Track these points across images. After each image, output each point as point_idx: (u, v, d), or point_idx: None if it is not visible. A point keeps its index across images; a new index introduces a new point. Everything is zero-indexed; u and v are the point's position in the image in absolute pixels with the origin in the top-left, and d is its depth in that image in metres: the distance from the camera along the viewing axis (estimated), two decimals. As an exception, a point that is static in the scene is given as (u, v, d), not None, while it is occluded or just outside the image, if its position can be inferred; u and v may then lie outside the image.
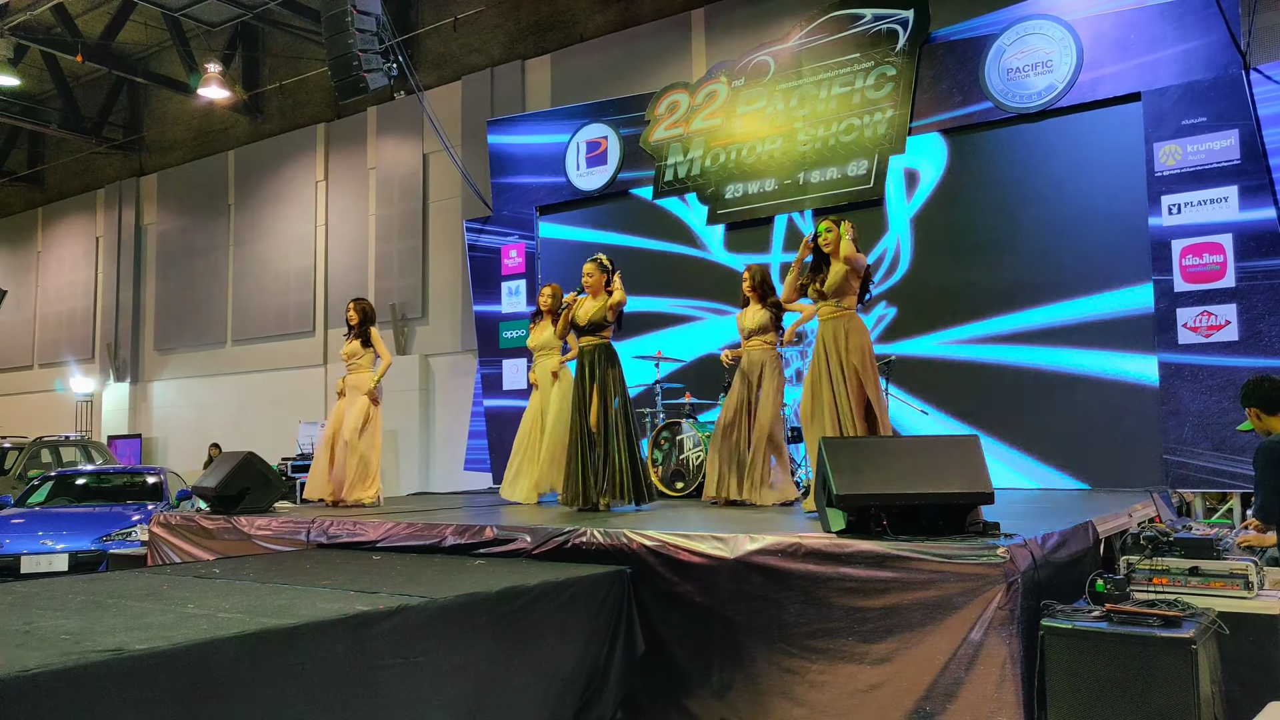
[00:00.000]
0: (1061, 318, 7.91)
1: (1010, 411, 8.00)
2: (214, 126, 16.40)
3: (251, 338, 15.33)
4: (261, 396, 15.07)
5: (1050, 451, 7.82)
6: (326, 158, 14.69)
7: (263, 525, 5.84)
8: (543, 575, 3.92)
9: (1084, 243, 7.87)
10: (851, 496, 3.87)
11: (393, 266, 13.56)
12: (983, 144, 8.41)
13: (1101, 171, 7.85)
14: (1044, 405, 7.90)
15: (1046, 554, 3.77)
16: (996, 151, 8.35)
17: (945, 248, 8.49)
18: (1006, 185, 8.27)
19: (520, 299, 11.09)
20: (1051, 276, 7.98)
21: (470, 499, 8.26)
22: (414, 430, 12.85)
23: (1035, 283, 8.03)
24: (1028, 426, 7.92)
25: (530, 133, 11.08)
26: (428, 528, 5.07)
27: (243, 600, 3.38)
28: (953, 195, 8.49)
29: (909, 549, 3.64)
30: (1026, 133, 8.20)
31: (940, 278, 8.45)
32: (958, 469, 3.91)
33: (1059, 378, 7.89)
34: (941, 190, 8.56)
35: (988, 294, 8.22)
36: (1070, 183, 7.98)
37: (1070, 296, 7.88)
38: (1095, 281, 7.79)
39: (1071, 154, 7.98)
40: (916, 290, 8.56)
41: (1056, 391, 7.88)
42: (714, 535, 4.15)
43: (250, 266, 15.45)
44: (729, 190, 9.64)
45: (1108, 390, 7.68)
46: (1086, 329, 7.81)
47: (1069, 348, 7.86)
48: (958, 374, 8.28)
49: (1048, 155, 8.11)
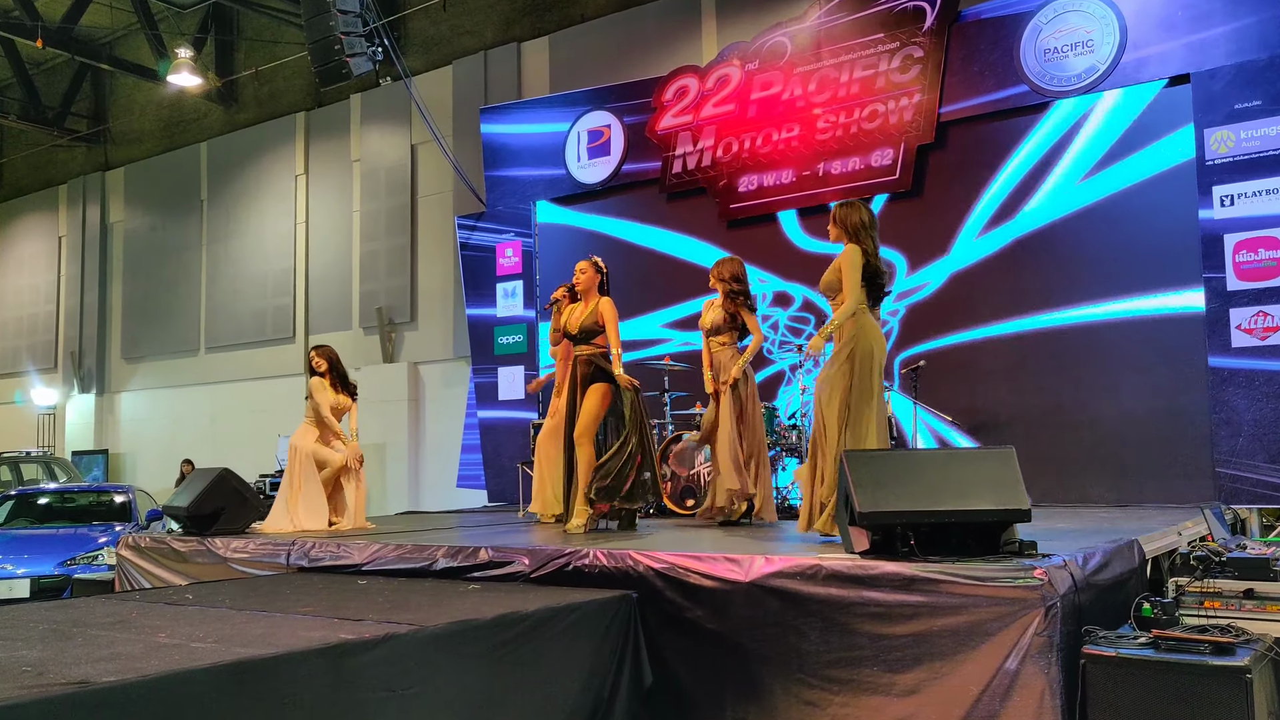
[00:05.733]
0: (1102, 318, 7.91)
1: (1046, 420, 8.00)
2: (185, 116, 16.48)
3: (227, 344, 15.38)
4: (238, 408, 15.11)
5: (1090, 463, 7.81)
6: (306, 149, 14.73)
7: (239, 548, 5.85)
8: (542, 601, 3.92)
9: (1127, 237, 7.87)
10: (875, 514, 3.87)
11: (379, 266, 13.60)
12: (1018, 131, 8.41)
13: (1147, 161, 7.85)
14: (1083, 413, 7.89)
15: (1088, 576, 3.77)
16: (1033, 135, 8.34)
17: (969, 241, 8.51)
18: (1040, 177, 8.27)
19: (517, 301, 11.11)
20: (1091, 274, 7.97)
21: (463, 518, 8.25)
22: (402, 444, 12.87)
23: (1073, 281, 8.03)
24: (1065, 436, 7.90)
25: (527, 121, 11.10)
26: (417, 550, 5.07)
27: (217, 628, 3.39)
28: (983, 184, 8.51)
29: (938, 571, 3.64)
30: (1066, 112, 8.20)
31: (969, 275, 8.47)
32: (991, 484, 3.91)
33: (1099, 383, 7.88)
34: (970, 179, 8.57)
35: (1019, 293, 8.22)
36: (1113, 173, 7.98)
37: (1112, 296, 7.88)
38: (1140, 280, 7.78)
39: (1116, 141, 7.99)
40: (943, 290, 8.58)
41: (1097, 398, 7.87)
42: (727, 556, 4.15)
43: (225, 267, 15.50)
44: (742, 183, 9.66)
45: (1153, 397, 7.67)
46: (1129, 331, 7.80)
47: (1110, 351, 7.86)
48: (987, 379, 8.28)
49: (1089, 144, 8.11)
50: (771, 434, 7.44)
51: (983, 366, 8.35)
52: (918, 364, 7.92)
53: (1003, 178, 8.46)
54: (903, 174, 8.78)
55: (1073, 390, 7.95)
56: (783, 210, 9.46)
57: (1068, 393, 7.97)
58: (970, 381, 8.33)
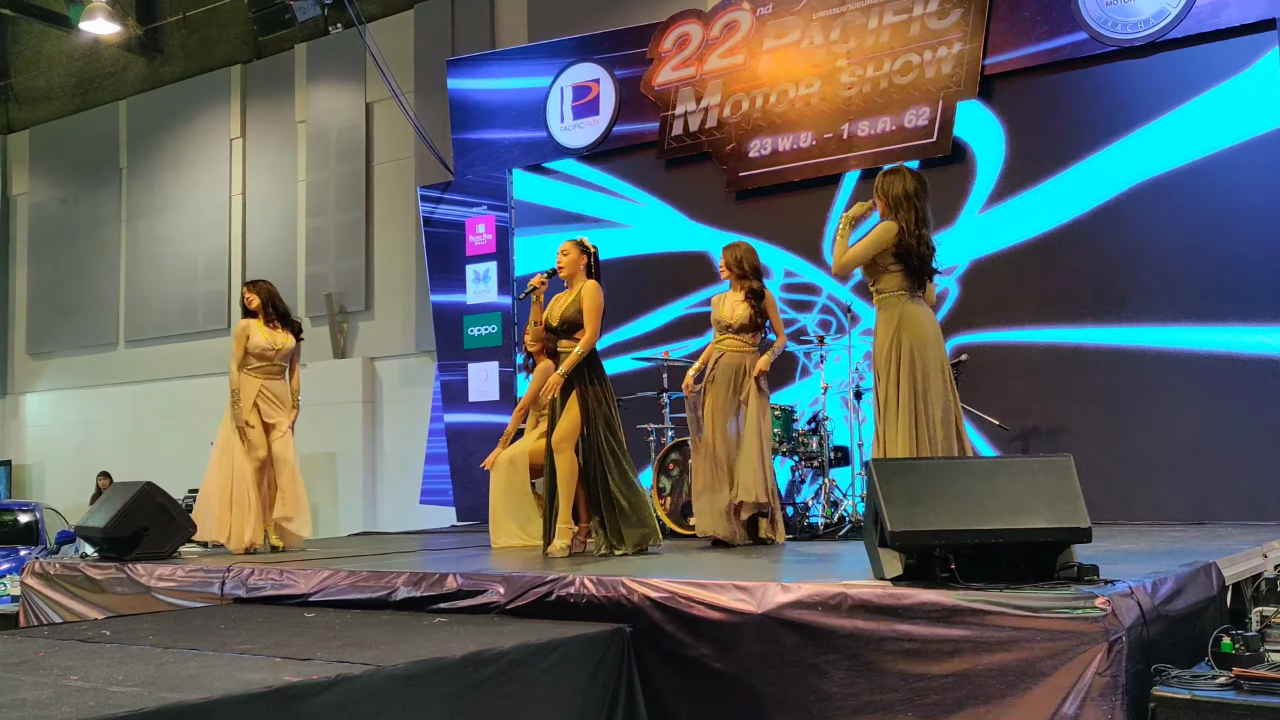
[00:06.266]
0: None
1: (1106, 423, 8.01)
2: (101, 70, 16.42)
3: (150, 338, 15.34)
4: (164, 412, 15.07)
5: (1161, 474, 7.82)
6: (243, 109, 14.69)
7: (165, 575, 5.84)
8: (520, 636, 3.91)
9: (1213, 234, 7.84)
10: (910, 534, 3.86)
11: (328, 245, 13.57)
12: (1074, 86, 8.40)
13: (1235, 123, 7.84)
14: (1152, 414, 7.90)
15: (1158, 605, 3.76)
16: (1092, 97, 8.34)
17: (1021, 224, 8.54)
18: (1104, 142, 8.28)
19: (490, 286, 11.10)
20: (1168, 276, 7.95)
21: (428, 540, 8.24)
22: (355, 454, 12.85)
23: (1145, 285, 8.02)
24: (1131, 442, 7.92)
25: (501, 75, 11.09)
26: (374, 577, 5.07)
27: (140, 670, 3.37)
28: (1034, 155, 8.51)
29: (984, 600, 3.64)
30: (1131, 72, 8.19)
31: (1015, 258, 8.51)
32: (1045, 498, 3.90)
33: (1169, 385, 7.89)
34: (1019, 149, 8.58)
35: (1077, 289, 8.25)
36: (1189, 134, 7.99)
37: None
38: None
39: (1191, 100, 7.98)
40: (986, 275, 8.61)
41: (1169, 399, 7.87)
42: (736, 584, 4.15)
43: (149, 247, 15.46)
44: (754, 147, 9.65)
45: (1232, 400, 7.68)
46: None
47: (1183, 347, 7.87)
48: (1034, 376, 8.30)
49: (1158, 102, 8.10)
50: (788, 440, 7.44)
51: (1029, 361, 8.36)
52: (959, 358, 7.90)
53: (1058, 143, 8.46)
54: (940, 136, 8.78)
55: (1139, 390, 7.96)
56: (800, 179, 9.45)
57: (1134, 392, 7.98)
58: (1015, 379, 8.35)
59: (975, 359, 8.02)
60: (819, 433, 7.66)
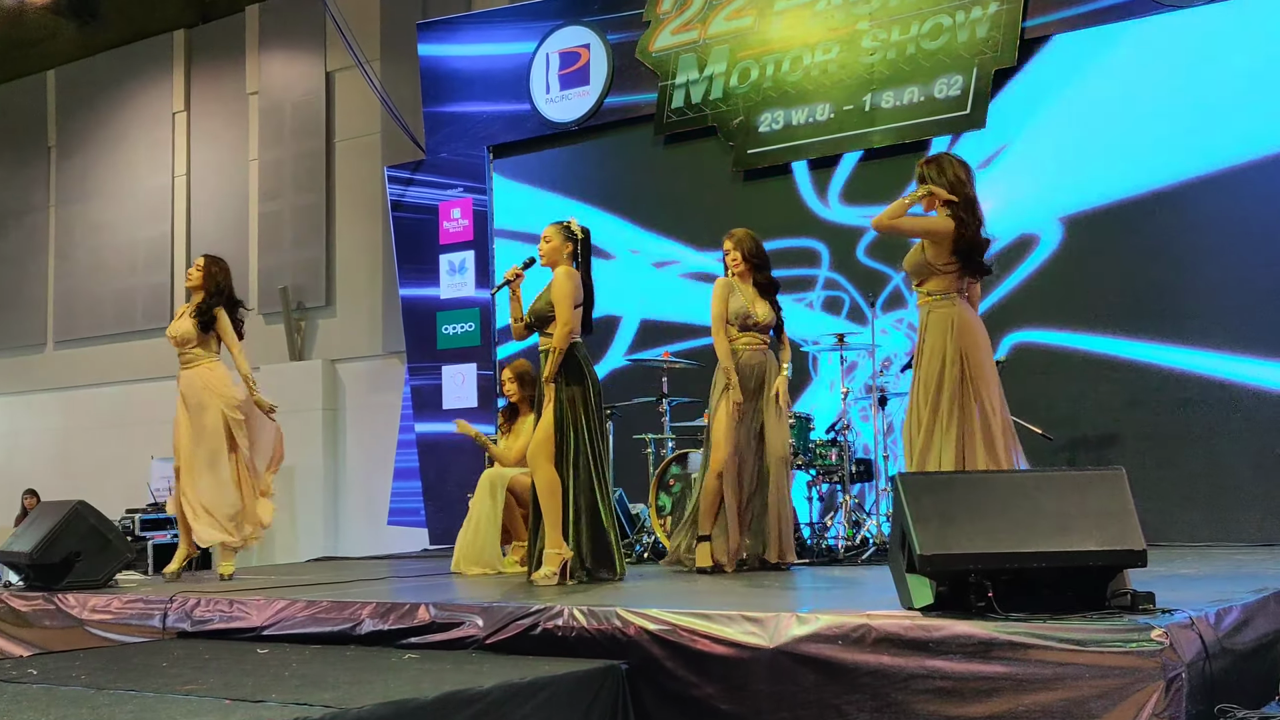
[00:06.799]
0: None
1: (1163, 433, 8.03)
2: (26, 36, 16.37)
3: (83, 337, 15.32)
4: (98, 421, 15.05)
5: (1223, 493, 7.81)
6: (188, 79, 14.68)
7: (100, 606, 5.83)
8: (501, 674, 3.91)
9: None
10: (941, 557, 3.85)
11: (283, 233, 13.57)
12: (1131, 51, 8.41)
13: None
14: (1214, 429, 7.91)
15: (1223, 637, 3.76)
16: (1150, 61, 8.34)
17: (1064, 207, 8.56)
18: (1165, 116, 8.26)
19: (467, 279, 11.09)
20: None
21: (397, 566, 8.24)
22: (315, 469, 12.84)
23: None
24: (1191, 458, 7.93)
25: (479, 40, 11.08)
26: (336, 607, 5.07)
27: (72, 714, 3.37)
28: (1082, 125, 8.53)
29: (1025, 632, 3.64)
30: (1195, 30, 8.16)
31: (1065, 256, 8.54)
32: (1094, 516, 3.90)
33: (1229, 389, 7.90)
34: (1064, 119, 8.59)
35: (1135, 295, 8.28)
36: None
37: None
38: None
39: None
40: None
41: (1224, 406, 7.89)
42: (745, 615, 4.15)
43: (81, 235, 15.45)
44: (764, 120, 9.65)
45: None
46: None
47: (1241, 355, 7.88)
48: (1088, 384, 8.31)
49: (1230, 66, 8.06)
50: (805, 452, 7.43)
51: (1074, 366, 8.37)
52: (997, 362, 7.90)
53: (1109, 117, 8.45)
54: (974, 108, 8.77)
55: (1199, 404, 7.98)
56: (817, 156, 9.44)
57: (1194, 406, 7.99)
58: (1061, 383, 8.36)
59: (1017, 359, 8.04)
60: (839, 444, 7.66)
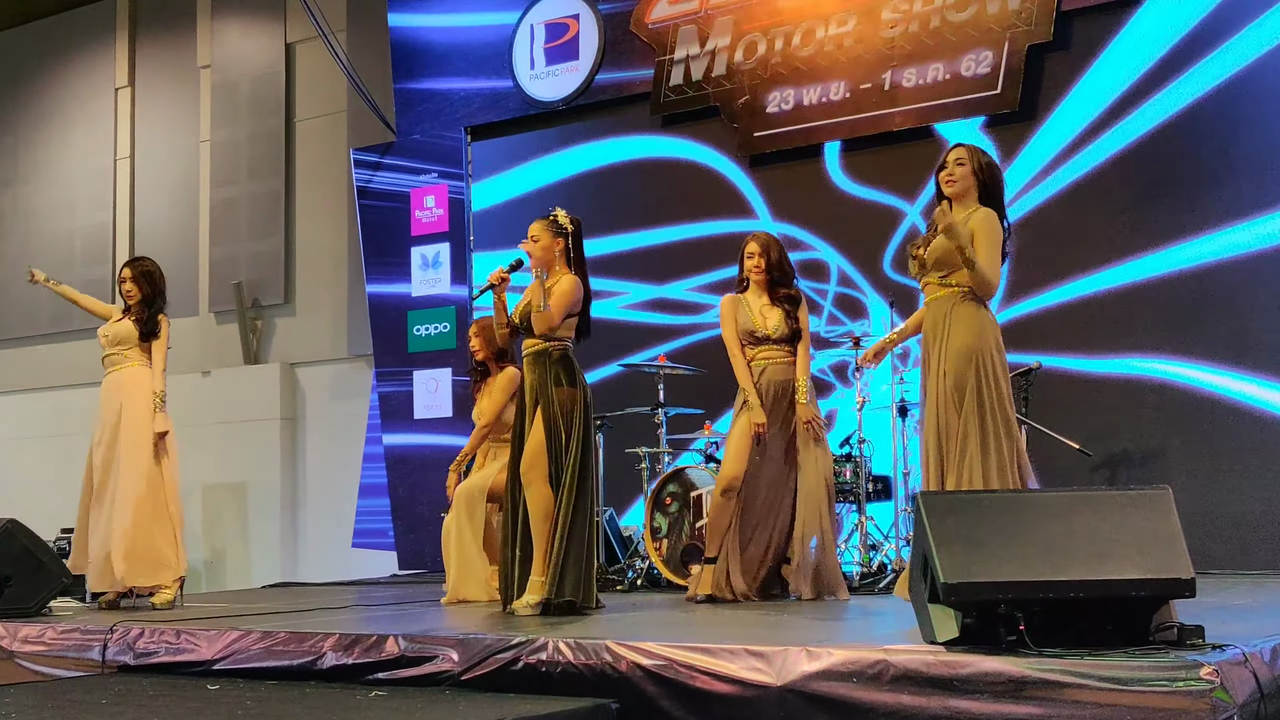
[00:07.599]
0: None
1: (1214, 455, 8.06)
2: (-46, 2, 16.41)
3: (14, 337, 15.28)
4: (29, 430, 15.02)
5: (1274, 513, 7.84)
6: (132, 51, 14.66)
7: (33, 637, 5.84)
8: (478, 714, 3.91)
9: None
10: (968, 586, 3.85)
11: (238, 223, 13.55)
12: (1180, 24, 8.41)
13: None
14: (1263, 442, 7.95)
15: (1279, 676, 3.76)
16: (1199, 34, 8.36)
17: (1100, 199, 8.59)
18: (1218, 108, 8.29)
19: (442, 274, 11.09)
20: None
21: (362, 593, 8.25)
22: (272, 484, 12.82)
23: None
24: (1243, 478, 7.96)
25: (457, 9, 11.11)
26: (294, 639, 5.07)
27: (-6, 758, 3.35)
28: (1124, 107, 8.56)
29: (1060, 670, 3.62)
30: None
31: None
32: (1136, 541, 3.89)
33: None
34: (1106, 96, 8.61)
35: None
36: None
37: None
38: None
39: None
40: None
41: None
42: (749, 649, 4.14)
43: (11, 224, 15.43)
44: (772, 100, 9.66)
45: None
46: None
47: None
48: (1129, 396, 8.34)
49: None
50: None
51: (1115, 380, 8.40)
52: (1029, 369, 7.92)
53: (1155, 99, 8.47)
54: (1006, 87, 8.79)
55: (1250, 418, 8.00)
56: (831, 140, 9.48)
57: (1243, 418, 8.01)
58: (1098, 395, 8.41)
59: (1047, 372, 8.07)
60: (853, 459, 7.64)
